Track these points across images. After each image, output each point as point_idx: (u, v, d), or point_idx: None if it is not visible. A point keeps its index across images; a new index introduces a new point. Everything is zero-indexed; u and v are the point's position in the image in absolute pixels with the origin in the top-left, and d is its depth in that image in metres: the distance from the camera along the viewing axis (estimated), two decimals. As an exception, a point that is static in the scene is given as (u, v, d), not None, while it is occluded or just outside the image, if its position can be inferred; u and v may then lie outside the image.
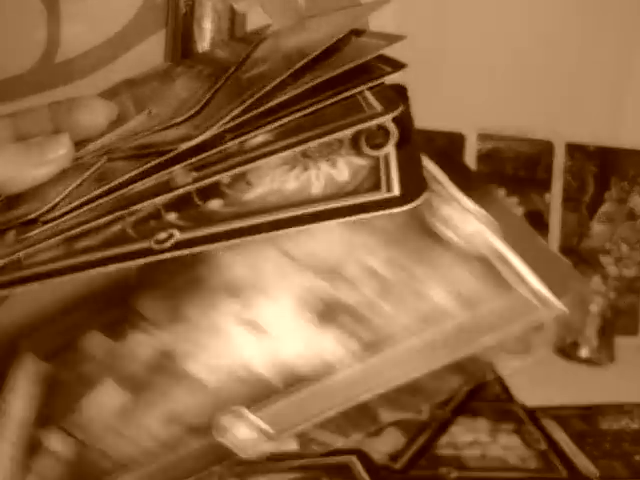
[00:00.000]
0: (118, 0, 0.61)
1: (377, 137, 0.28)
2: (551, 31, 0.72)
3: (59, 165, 0.30)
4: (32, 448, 0.25)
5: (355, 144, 0.28)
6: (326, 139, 0.28)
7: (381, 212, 0.26)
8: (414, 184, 0.27)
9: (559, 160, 0.74)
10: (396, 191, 0.26)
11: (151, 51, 0.62)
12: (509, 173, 0.73)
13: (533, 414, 0.55)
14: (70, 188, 0.28)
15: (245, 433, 0.24)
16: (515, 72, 0.72)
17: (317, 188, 0.27)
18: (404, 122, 0.28)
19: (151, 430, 0.25)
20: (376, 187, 0.27)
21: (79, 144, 0.31)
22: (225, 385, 0.25)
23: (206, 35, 0.56)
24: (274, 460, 0.44)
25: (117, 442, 0.25)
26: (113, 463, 0.24)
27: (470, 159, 0.72)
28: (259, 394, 0.25)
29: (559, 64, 0.72)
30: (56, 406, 0.26)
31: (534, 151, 0.73)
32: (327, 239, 0.27)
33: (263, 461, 0.44)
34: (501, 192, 0.73)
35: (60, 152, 0.30)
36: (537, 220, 0.73)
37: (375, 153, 0.28)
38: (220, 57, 0.38)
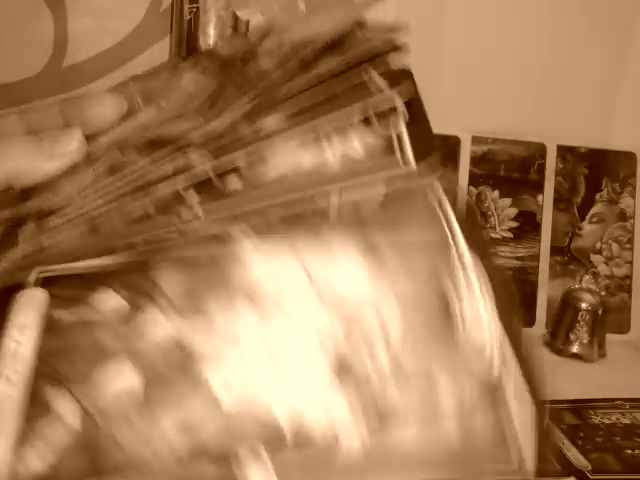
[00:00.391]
0: (123, 8, 0.61)
1: (388, 116, 0.28)
2: (543, 37, 0.72)
3: (71, 159, 0.29)
4: (39, 407, 0.24)
5: (367, 124, 0.29)
6: (338, 120, 0.28)
7: (399, 186, 0.27)
8: (428, 158, 0.27)
9: (551, 162, 0.74)
10: (412, 165, 0.27)
11: (156, 57, 0.62)
12: (503, 175, 0.74)
13: (526, 408, 0.55)
14: (84, 182, 0.28)
15: (257, 475, 0.23)
16: (508, 77, 0.73)
17: (334, 166, 0.28)
18: (412, 101, 0.29)
19: (165, 434, 0.23)
20: (392, 163, 0.27)
21: (90, 138, 0.30)
22: (240, 415, 0.24)
23: (210, 41, 0.56)
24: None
25: (130, 434, 0.23)
26: (126, 458, 0.23)
27: (465, 161, 0.73)
28: (271, 440, 0.23)
29: (551, 68, 0.73)
30: (67, 366, 0.25)
31: (527, 153, 0.74)
32: (347, 268, 0.26)
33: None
34: (495, 193, 0.74)
35: (72, 146, 0.29)
36: (530, 220, 0.74)
37: (387, 131, 0.28)
38: (224, 54, 0.38)
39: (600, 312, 0.68)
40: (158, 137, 0.29)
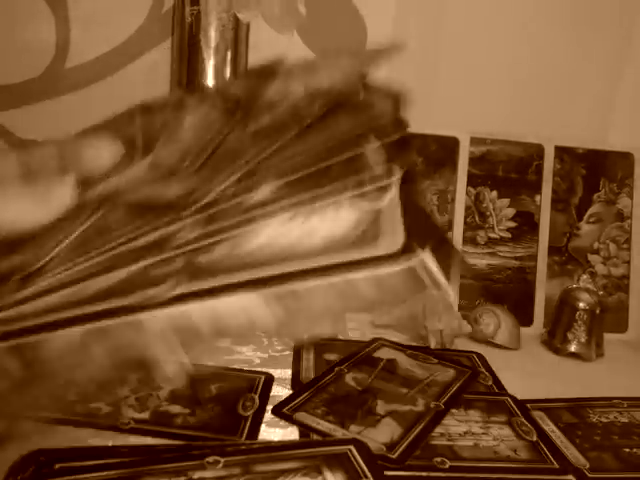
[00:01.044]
0: (125, 9, 0.62)
1: (380, 191, 0.28)
2: (541, 40, 0.73)
3: (60, 209, 0.30)
4: None
5: (359, 198, 0.28)
6: (331, 193, 0.28)
7: (382, 269, 0.27)
8: (415, 238, 0.27)
9: (549, 162, 0.74)
10: (398, 245, 0.27)
11: (158, 59, 0.62)
12: (501, 175, 0.74)
13: (524, 406, 0.55)
14: (68, 240, 0.29)
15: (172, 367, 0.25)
16: (507, 79, 0.73)
17: (319, 239, 0.27)
18: (409, 172, 0.29)
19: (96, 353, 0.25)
20: (377, 239, 0.27)
21: (84, 182, 0.31)
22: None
23: (211, 43, 0.56)
24: (275, 449, 0.44)
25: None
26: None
27: (463, 162, 0.73)
28: (188, 336, 0.25)
29: (549, 70, 0.74)
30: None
31: (525, 154, 0.74)
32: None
33: (265, 450, 0.45)
34: (493, 194, 0.75)
35: (63, 197, 0.30)
36: (528, 220, 0.74)
37: (379, 203, 0.28)
38: (231, 95, 0.37)
39: (598, 311, 0.68)
40: (146, 199, 0.30)
